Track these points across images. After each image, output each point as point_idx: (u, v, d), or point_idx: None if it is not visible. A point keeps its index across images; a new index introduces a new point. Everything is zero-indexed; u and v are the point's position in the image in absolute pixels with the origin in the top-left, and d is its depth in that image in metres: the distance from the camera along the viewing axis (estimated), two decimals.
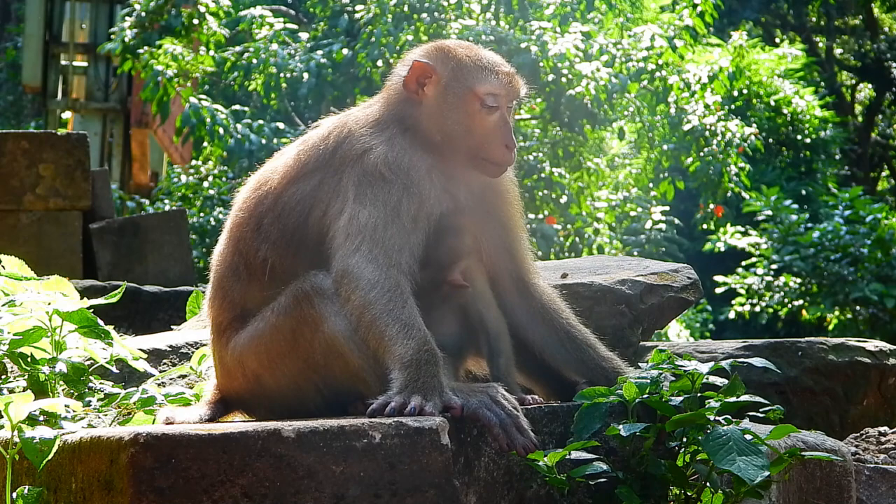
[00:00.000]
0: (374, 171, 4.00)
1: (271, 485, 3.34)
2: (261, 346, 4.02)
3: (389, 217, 3.93)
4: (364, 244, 3.90)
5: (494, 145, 4.11)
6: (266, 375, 4.05)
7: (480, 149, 4.11)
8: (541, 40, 15.73)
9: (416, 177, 4.02)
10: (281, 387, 4.04)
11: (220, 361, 4.20)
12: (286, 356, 3.97)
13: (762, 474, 3.64)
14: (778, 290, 21.90)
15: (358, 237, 3.91)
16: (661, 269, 5.14)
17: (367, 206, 3.95)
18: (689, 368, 3.91)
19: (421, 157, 4.07)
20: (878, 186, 31.33)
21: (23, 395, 3.69)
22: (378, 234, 3.91)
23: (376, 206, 3.94)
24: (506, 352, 4.16)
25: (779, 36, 30.96)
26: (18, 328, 4.45)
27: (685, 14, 16.50)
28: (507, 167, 4.18)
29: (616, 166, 20.61)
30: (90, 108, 21.07)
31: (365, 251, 3.89)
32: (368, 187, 3.98)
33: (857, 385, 5.36)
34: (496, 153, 4.12)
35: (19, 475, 3.68)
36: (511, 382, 4.11)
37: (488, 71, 4.15)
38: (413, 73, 4.15)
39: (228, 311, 4.16)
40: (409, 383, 3.70)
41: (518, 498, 3.82)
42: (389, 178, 3.99)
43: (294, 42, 17.28)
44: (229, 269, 4.18)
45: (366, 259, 3.88)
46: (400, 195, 3.97)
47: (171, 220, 11.13)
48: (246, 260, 4.14)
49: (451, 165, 4.14)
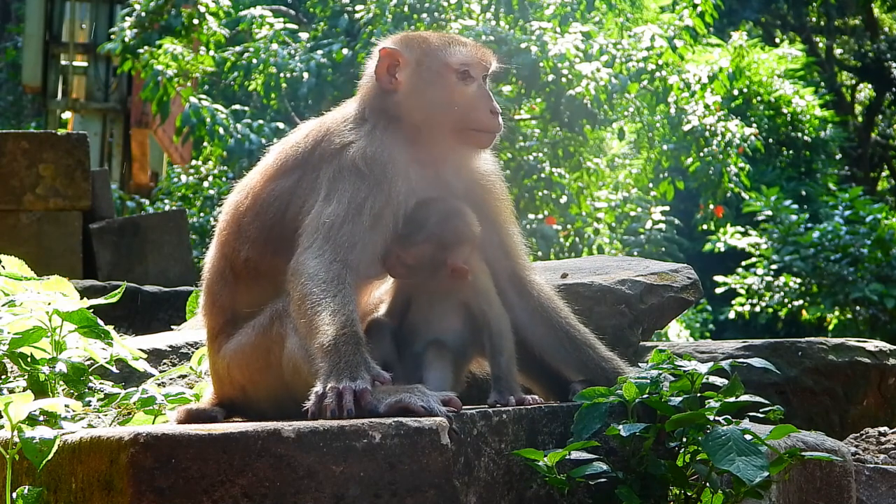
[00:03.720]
0: (350, 165, 3.98)
1: (271, 485, 3.34)
2: (243, 361, 4.06)
3: (350, 214, 3.90)
4: (316, 242, 3.88)
5: (480, 113, 4.08)
6: (249, 388, 4.10)
7: (467, 120, 4.08)
8: (541, 40, 15.73)
9: (391, 172, 3.99)
10: (261, 399, 4.08)
11: (213, 368, 4.24)
12: (263, 372, 4.01)
13: (762, 474, 3.64)
14: (778, 291, 21.90)
15: (314, 235, 3.90)
16: (661, 269, 5.13)
17: (332, 202, 3.93)
18: (688, 368, 3.91)
19: (401, 150, 4.04)
20: (878, 186, 31.32)
21: (23, 395, 3.69)
22: (333, 231, 3.88)
23: (341, 203, 3.92)
24: (508, 350, 4.13)
25: (779, 36, 30.97)
26: (18, 328, 4.45)
27: (685, 14, 16.50)
28: (497, 134, 4.13)
29: (616, 166, 20.61)
30: (90, 108, 21.07)
31: (315, 248, 3.87)
32: (341, 182, 3.96)
33: (856, 385, 5.36)
34: (483, 121, 4.09)
35: (19, 475, 3.68)
36: (512, 381, 4.10)
37: (456, 44, 4.15)
38: (382, 62, 4.13)
39: (219, 316, 4.18)
40: (333, 368, 3.64)
41: (518, 498, 3.82)
42: (363, 172, 3.96)
43: (294, 42, 17.28)
44: (217, 274, 4.19)
45: (313, 255, 3.86)
46: (368, 192, 3.94)
47: (171, 220, 11.13)
48: (231, 263, 4.15)
49: (436, 153, 4.12)
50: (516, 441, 3.84)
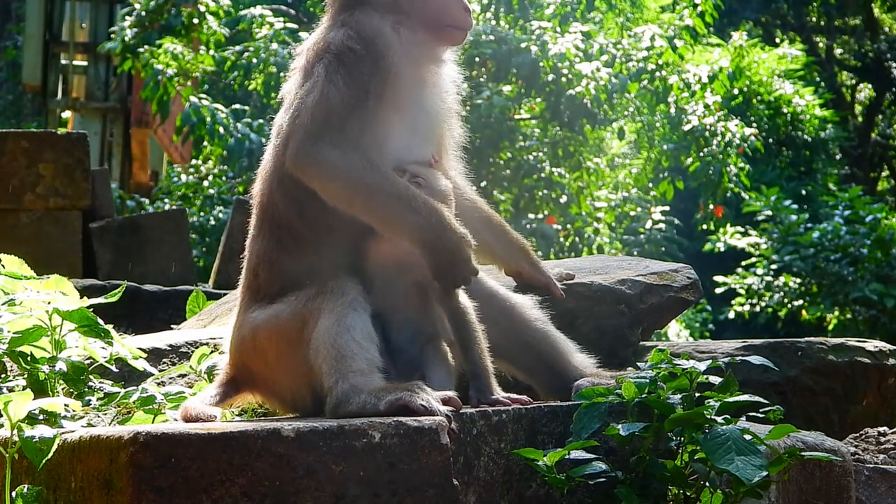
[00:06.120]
0: (342, 49, 4.05)
1: (271, 484, 3.34)
2: (275, 329, 3.99)
3: (357, 97, 3.97)
4: (329, 131, 3.93)
5: (453, 9, 4.24)
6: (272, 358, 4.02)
7: (443, 15, 4.23)
8: (541, 40, 15.73)
9: (381, 44, 4.08)
10: (278, 376, 4.04)
11: (237, 332, 4.16)
12: (293, 345, 3.93)
13: (761, 474, 3.64)
14: (778, 290, 21.90)
15: (324, 120, 3.94)
16: (660, 268, 5.13)
17: (338, 83, 3.98)
18: (686, 367, 3.91)
19: (383, 21, 4.14)
20: (878, 186, 31.32)
21: (22, 393, 3.68)
22: (342, 120, 3.94)
23: (347, 85, 3.98)
24: (479, 340, 4.04)
25: (779, 36, 30.95)
26: (18, 327, 4.45)
27: (685, 14, 16.50)
28: (468, 31, 4.30)
29: (616, 166, 20.60)
30: (90, 107, 21.08)
31: (328, 139, 3.92)
32: (340, 65, 4.02)
33: (856, 385, 5.36)
34: (458, 17, 4.25)
35: (19, 474, 3.68)
36: (490, 377, 4.01)
37: None
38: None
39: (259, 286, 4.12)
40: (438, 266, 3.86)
41: (517, 498, 3.83)
42: (358, 52, 4.04)
43: (294, 42, 17.25)
44: (259, 244, 4.15)
45: (330, 145, 3.92)
46: (370, 72, 4.01)
47: (171, 220, 11.12)
48: (271, 225, 4.12)
49: (414, 46, 4.19)
50: (516, 441, 3.84)
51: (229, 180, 18.40)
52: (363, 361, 3.80)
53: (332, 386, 3.76)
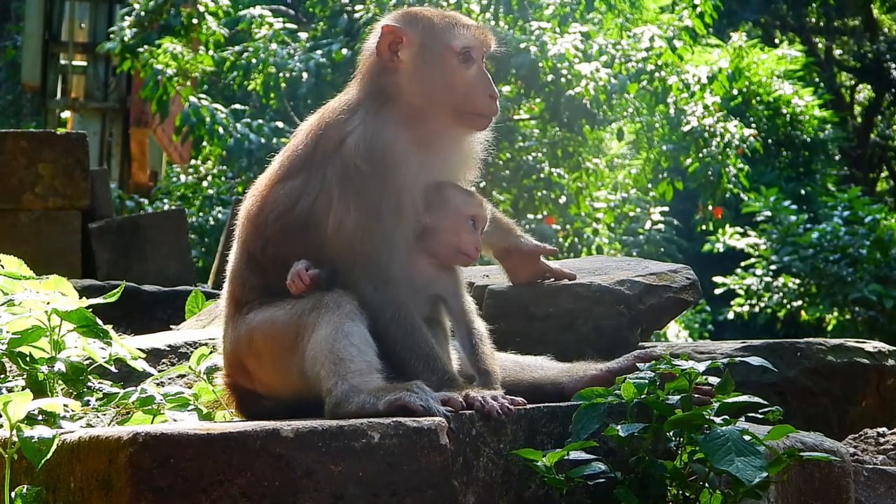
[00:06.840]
0: (351, 164, 3.99)
1: (270, 484, 3.34)
2: (270, 333, 4.00)
3: (373, 220, 3.95)
4: (359, 267, 3.95)
5: (479, 97, 4.13)
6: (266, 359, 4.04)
7: (465, 103, 4.12)
8: (540, 40, 15.73)
9: (391, 162, 4.00)
10: (271, 378, 4.05)
11: (231, 334, 4.17)
12: (288, 352, 3.95)
13: (760, 475, 3.64)
14: (777, 291, 21.91)
15: (351, 256, 3.95)
16: (660, 269, 5.13)
17: (350, 209, 3.96)
18: (685, 367, 3.91)
19: (397, 133, 4.05)
20: (877, 187, 31.32)
21: (21, 394, 3.68)
22: (365, 247, 3.95)
23: (360, 210, 3.96)
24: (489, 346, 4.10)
25: (778, 37, 30.96)
26: (17, 327, 4.44)
27: (685, 15, 16.51)
28: (494, 118, 4.19)
29: (615, 167, 20.61)
30: (89, 107, 21.09)
31: (365, 277, 3.95)
32: (349, 183, 3.98)
33: (855, 386, 5.35)
34: (481, 105, 4.14)
35: (18, 474, 3.68)
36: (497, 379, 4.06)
37: (460, 26, 4.17)
38: (384, 38, 4.14)
39: (246, 292, 4.15)
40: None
41: (517, 498, 3.82)
42: (366, 172, 3.97)
43: (293, 42, 17.28)
44: (243, 264, 4.20)
45: (369, 284, 3.95)
46: (380, 191, 3.97)
47: (171, 220, 11.12)
48: (254, 257, 4.17)
49: (433, 134, 4.13)
50: (515, 441, 3.84)
51: (228, 180, 18.41)
52: (362, 363, 3.80)
53: (331, 387, 3.76)
